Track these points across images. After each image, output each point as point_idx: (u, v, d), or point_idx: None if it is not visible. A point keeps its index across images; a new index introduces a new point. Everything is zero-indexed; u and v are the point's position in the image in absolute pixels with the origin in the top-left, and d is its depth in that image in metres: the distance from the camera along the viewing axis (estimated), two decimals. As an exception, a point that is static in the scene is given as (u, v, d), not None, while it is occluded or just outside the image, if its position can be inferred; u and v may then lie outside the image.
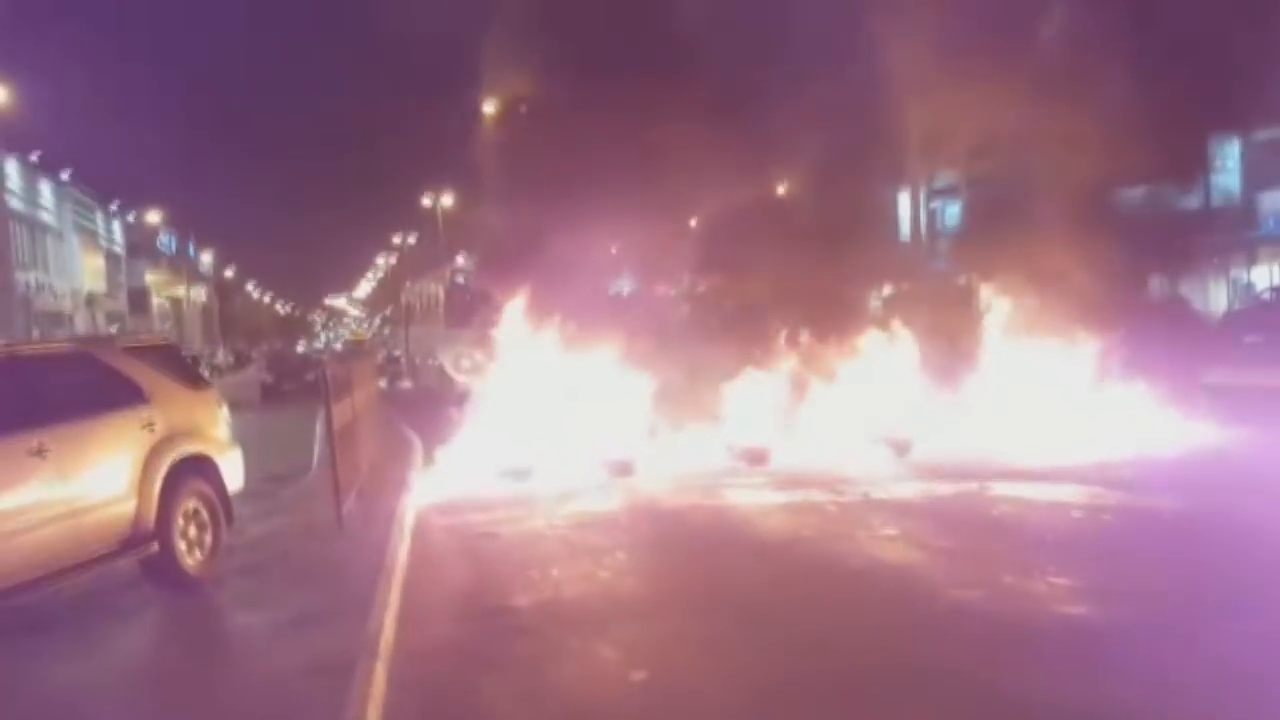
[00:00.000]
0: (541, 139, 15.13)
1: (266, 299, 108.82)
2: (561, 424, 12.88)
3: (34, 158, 49.73)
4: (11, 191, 46.15)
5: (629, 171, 13.44)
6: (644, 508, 9.98)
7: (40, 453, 6.47)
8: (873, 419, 12.97)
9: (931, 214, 36.24)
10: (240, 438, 8.51)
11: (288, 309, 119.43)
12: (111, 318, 60.83)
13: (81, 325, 54.96)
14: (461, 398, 22.28)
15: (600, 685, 5.41)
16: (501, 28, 15.49)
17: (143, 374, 7.66)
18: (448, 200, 59.51)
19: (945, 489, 10.11)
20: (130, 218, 67.61)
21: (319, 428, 16.08)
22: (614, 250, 16.26)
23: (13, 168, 46.60)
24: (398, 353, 38.53)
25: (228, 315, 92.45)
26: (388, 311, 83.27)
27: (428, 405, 20.50)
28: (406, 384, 31.03)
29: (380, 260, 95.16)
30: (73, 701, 5.43)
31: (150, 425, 7.43)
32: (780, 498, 10.08)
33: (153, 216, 67.25)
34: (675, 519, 9.48)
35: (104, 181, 58.63)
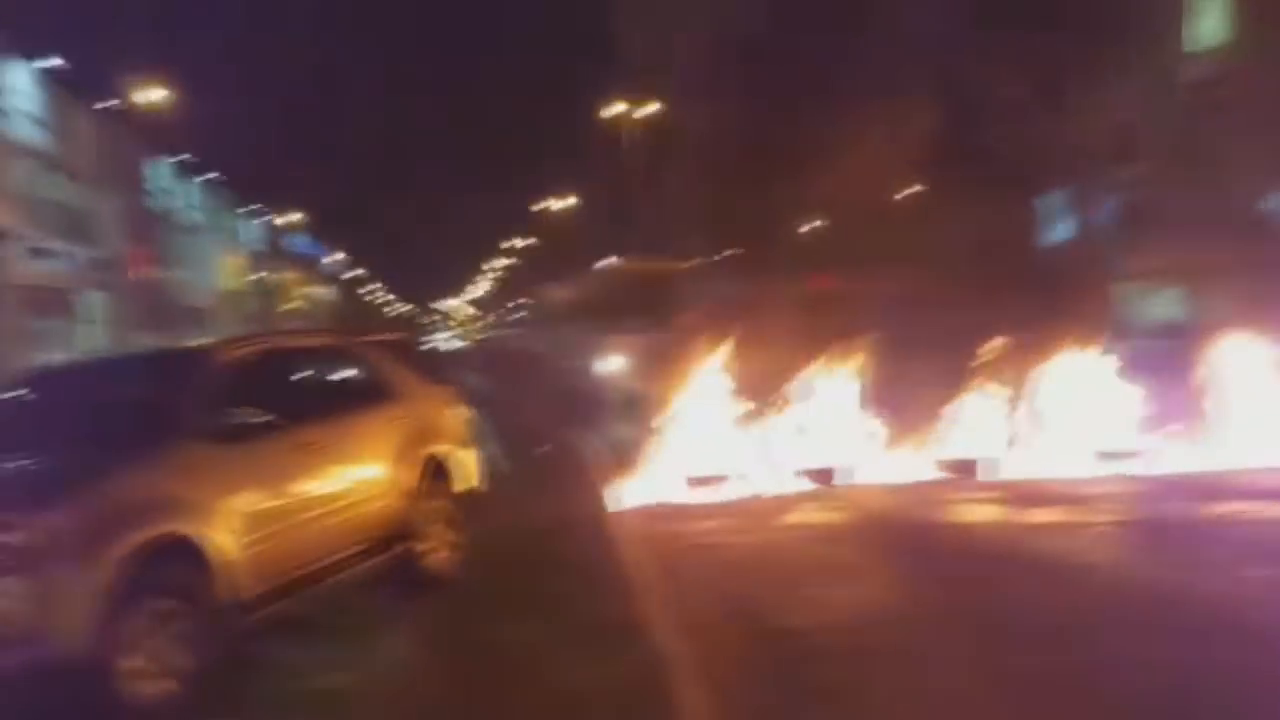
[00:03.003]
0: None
1: (390, 298, 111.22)
2: (744, 428, 12.37)
3: (181, 159, 51.36)
4: (161, 190, 47.72)
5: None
6: (869, 521, 9.37)
7: (311, 446, 6.22)
8: (1089, 429, 12.13)
9: (1090, 214, 34.66)
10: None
11: (410, 309, 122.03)
12: (248, 315, 62.55)
13: (221, 321, 56.58)
14: (615, 399, 22.03)
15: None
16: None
17: (391, 369, 7.41)
18: (568, 202, 59.88)
19: (1202, 508, 9.26)
20: (268, 218, 69.53)
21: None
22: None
23: (163, 168, 48.20)
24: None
25: (353, 314, 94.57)
26: (510, 310, 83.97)
27: (576, 408, 20.16)
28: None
29: (499, 261, 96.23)
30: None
31: (400, 421, 7.15)
32: (1022, 517, 9.35)
33: (289, 217, 69.10)
34: (912, 535, 8.83)
35: (243, 182, 60.40)
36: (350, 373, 7.11)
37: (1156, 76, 30.25)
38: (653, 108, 36.79)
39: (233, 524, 5.43)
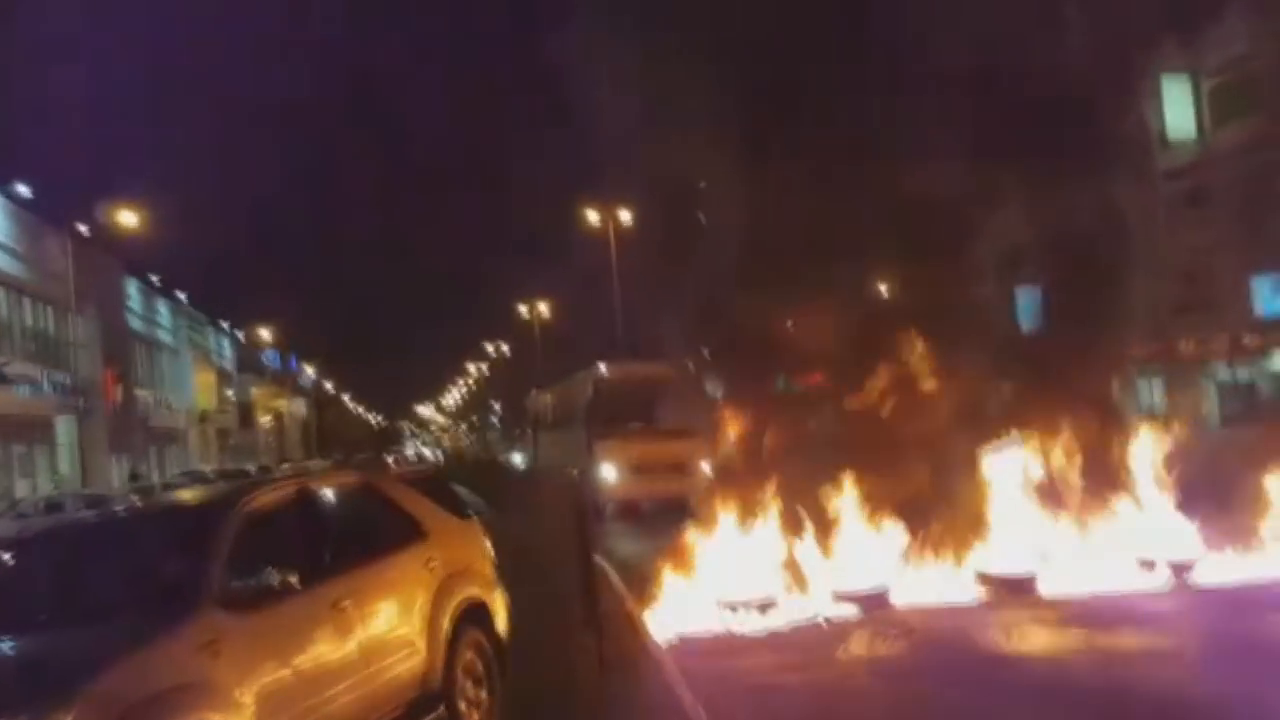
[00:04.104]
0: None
1: (360, 410, 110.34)
2: (774, 547, 11.65)
3: (153, 280, 50.89)
4: (132, 311, 47.02)
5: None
6: (932, 652, 8.59)
7: (340, 605, 5.53)
8: (1136, 535, 11.51)
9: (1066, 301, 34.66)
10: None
11: (379, 420, 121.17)
12: (221, 433, 61.43)
13: (194, 441, 55.44)
14: (611, 509, 21.21)
15: None
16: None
17: (420, 506, 6.76)
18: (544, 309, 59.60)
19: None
20: (239, 335, 68.94)
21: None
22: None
23: (133, 288, 47.60)
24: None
25: (325, 427, 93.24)
26: (488, 416, 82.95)
27: (579, 522, 19.31)
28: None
29: (470, 368, 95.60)
30: None
31: (431, 565, 6.48)
32: (1091, 642, 8.60)
33: (259, 333, 68.55)
34: (985, 669, 8.06)
35: (214, 301, 59.99)
36: (376, 514, 6.44)
37: (1132, 165, 30.69)
38: (629, 211, 36.91)
39: (261, 708, 4.71)
